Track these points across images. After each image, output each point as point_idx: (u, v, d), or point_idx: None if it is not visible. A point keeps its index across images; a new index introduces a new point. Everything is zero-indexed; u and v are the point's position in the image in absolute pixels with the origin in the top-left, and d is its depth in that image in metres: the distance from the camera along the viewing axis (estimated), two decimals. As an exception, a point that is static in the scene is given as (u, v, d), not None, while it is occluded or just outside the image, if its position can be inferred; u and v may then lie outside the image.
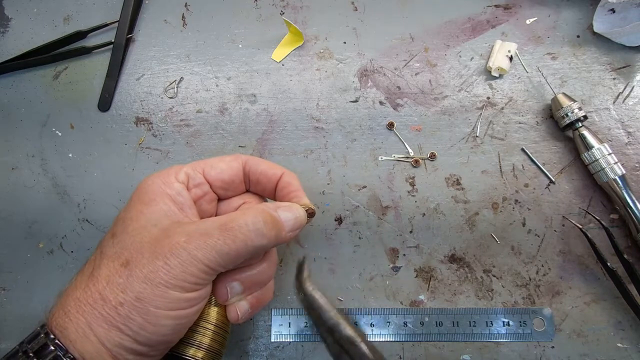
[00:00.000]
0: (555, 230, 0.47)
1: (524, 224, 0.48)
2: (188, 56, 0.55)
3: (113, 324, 0.29)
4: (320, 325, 0.34)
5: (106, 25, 0.55)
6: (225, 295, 0.35)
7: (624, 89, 0.50)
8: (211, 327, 0.36)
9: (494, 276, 0.47)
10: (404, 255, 0.48)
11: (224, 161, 0.37)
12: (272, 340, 0.46)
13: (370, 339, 0.45)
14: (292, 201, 0.37)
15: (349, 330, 0.33)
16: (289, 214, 0.35)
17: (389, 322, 0.46)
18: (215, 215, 0.38)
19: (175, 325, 0.30)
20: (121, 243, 0.31)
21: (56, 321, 0.29)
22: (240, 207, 0.38)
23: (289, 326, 0.46)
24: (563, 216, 0.47)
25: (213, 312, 0.37)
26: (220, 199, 0.38)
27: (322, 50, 0.54)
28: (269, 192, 0.39)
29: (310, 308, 0.34)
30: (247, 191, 0.40)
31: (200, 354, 0.35)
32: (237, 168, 0.37)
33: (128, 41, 0.55)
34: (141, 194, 0.33)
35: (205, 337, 0.36)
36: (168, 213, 0.32)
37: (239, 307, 0.35)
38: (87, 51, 0.55)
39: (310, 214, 0.37)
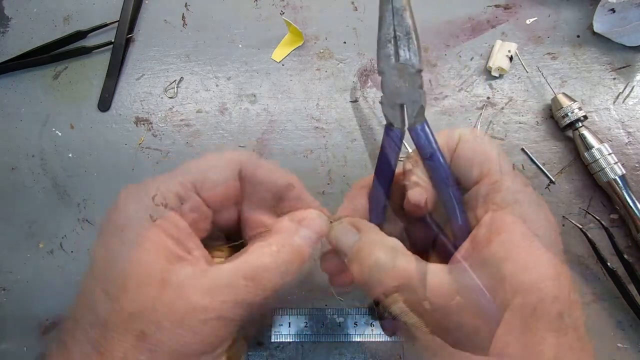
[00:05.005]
0: (555, 230, 0.47)
1: (524, 224, 0.48)
2: (188, 56, 0.54)
3: None
4: None
5: (106, 25, 0.55)
6: None
7: (624, 89, 0.50)
8: None
9: (494, 276, 0.47)
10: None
11: (215, 168, 0.30)
12: (272, 341, 0.46)
13: (370, 338, 0.45)
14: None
15: None
16: (309, 231, 0.31)
17: (389, 322, 0.46)
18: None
19: None
20: (125, 308, 0.26)
21: None
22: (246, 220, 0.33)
23: (289, 326, 0.46)
24: (563, 216, 0.47)
25: None
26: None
27: (322, 50, 0.54)
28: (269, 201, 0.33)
29: None
30: None
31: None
32: (233, 186, 0.31)
33: (128, 41, 0.55)
34: (126, 231, 0.27)
35: None
36: (169, 257, 0.27)
37: None
38: (87, 51, 0.55)
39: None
